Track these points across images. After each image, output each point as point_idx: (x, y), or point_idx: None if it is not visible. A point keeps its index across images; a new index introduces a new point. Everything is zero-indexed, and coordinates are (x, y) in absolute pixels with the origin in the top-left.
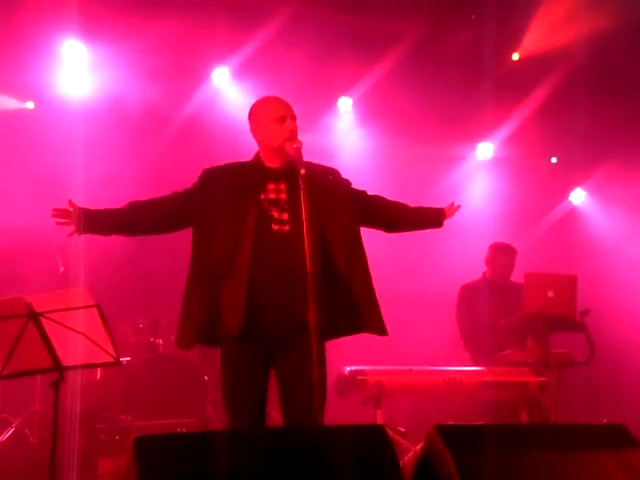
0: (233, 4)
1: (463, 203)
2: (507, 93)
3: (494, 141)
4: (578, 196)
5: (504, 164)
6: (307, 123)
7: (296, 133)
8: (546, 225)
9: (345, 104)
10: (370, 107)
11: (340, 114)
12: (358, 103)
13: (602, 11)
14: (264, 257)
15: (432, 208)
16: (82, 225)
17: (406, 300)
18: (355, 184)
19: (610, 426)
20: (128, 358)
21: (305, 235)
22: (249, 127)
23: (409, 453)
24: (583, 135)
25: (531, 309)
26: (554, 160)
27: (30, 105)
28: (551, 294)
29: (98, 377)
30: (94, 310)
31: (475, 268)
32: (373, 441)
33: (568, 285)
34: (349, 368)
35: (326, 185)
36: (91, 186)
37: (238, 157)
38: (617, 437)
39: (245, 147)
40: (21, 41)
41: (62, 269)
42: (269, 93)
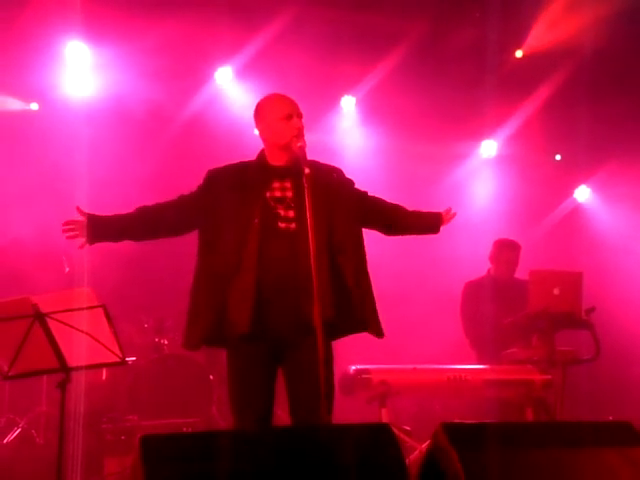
0: (236, 4)
1: (467, 201)
2: (511, 91)
3: (498, 139)
4: (583, 193)
5: (508, 162)
6: (310, 122)
7: (302, 131)
8: (551, 222)
9: (348, 103)
10: (373, 106)
11: (343, 113)
12: (361, 102)
13: (606, 8)
14: (270, 255)
15: (430, 213)
16: (91, 234)
17: (411, 298)
18: (358, 183)
19: (616, 423)
20: (134, 358)
21: (310, 233)
22: (255, 125)
23: (415, 452)
24: (587, 132)
25: (536, 307)
26: (558, 157)
27: (34, 106)
28: (556, 291)
29: (104, 377)
30: (100, 310)
31: (480, 266)
32: (378, 440)
33: (573, 282)
34: (354, 367)
35: (331, 184)
36: (95, 186)
37: (241, 156)
38: (623, 434)
39: (248, 146)
40: (25, 43)
41: (68, 269)
42: (272, 92)
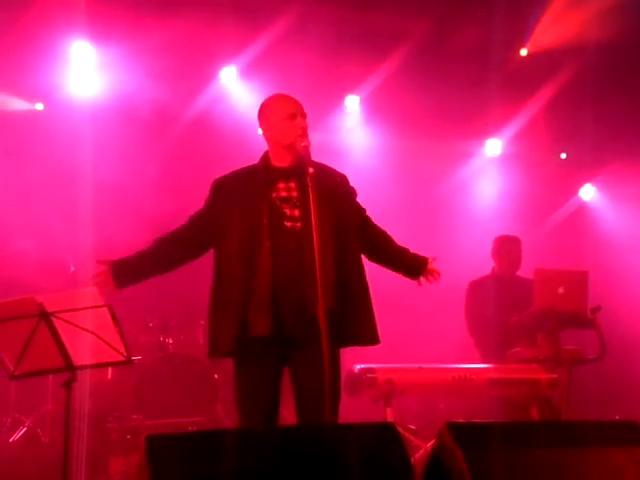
0: (240, 3)
1: (472, 200)
2: (515, 89)
3: (502, 137)
4: (588, 192)
5: (513, 160)
6: (314, 121)
7: (307, 130)
8: (556, 221)
9: (352, 102)
10: (377, 105)
11: (347, 112)
12: (365, 101)
13: (611, 6)
14: (280, 254)
15: (415, 257)
16: (118, 281)
17: (416, 297)
18: (363, 182)
19: (622, 423)
20: (139, 357)
21: (314, 232)
22: (259, 125)
23: (420, 451)
24: (592, 131)
25: (541, 306)
26: (563, 156)
27: (39, 106)
28: (562, 291)
29: (109, 376)
30: (105, 310)
31: (484, 265)
32: (383, 439)
33: (579, 281)
34: (359, 366)
35: (335, 187)
36: (100, 185)
37: (246, 156)
38: (629, 434)
39: (253, 145)
40: (30, 43)
41: (73, 269)
42: (276, 92)
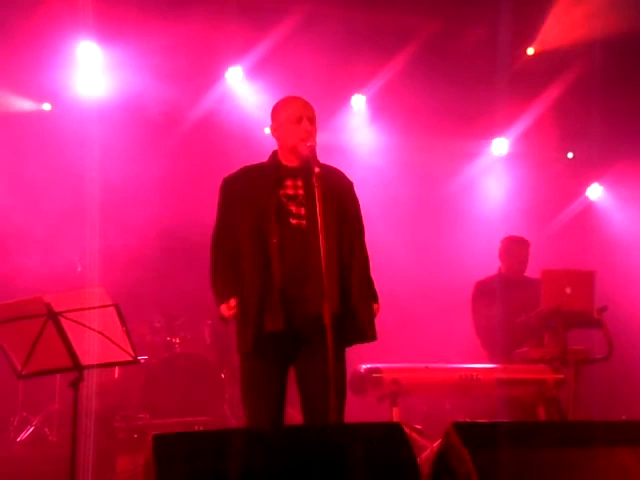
0: (245, 3)
1: (479, 199)
2: (522, 88)
3: (509, 137)
4: (595, 191)
5: (520, 160)
6: (320, 121)
7: (311, 134)
8: (563, 221)
9: (358, 102)
10: (384, 104)
11: (353, 112)
12: (371, 101)
13: (619, 5)
14: (287, 252)
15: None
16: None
17: (422, 297)
18: (370, 181)
19: (629, 423)
20: (145, 357)
21: (320, 232)
22: (270, 124)
23: (426, 451)
24: (600, 130)
25: (548, 305)
26: (570, 155)
27: (47, 107)
28: (569, 290)
29: (116, 376)
30: (112, 309)
31: (491, 264)
32: (390, 439)
33: (586, 281)
34: (365, 366)
35: (343, 190)
36: (108, 185)
37: (252, 156)
38: (636, 433)
39: (258, 145)
40: (37, 43)
41: (80, 269)
42: (282, 92)
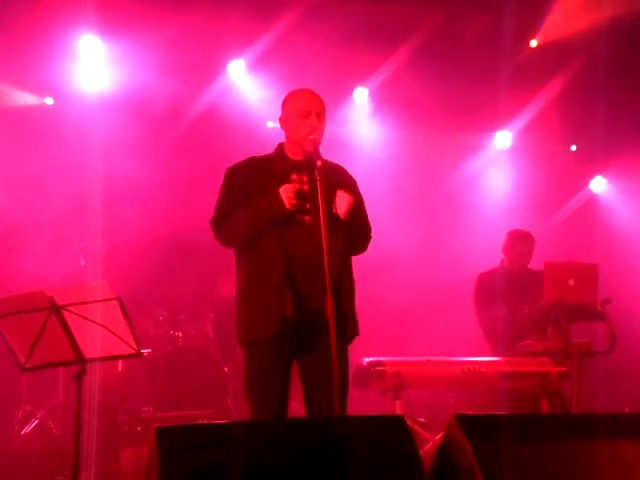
0: None
1: (481, 192)
2: (525, 81)
3: (513, 129)
4: (598, 184)
5: (523, 153)
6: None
7: (317, 130)
8: (566, 213)
9: (361, 95)
10: (386, 97)
11: (356, 104)
12: (374, 93)
13: None
14: (292, 245)
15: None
16: None
17: (425, 290)
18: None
19: (632, 415)
20: (149, 350)
21: (322, 227)
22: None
23: (429, 443)
24: (603, 122)
25: (551, 298)
26: (574, 148)
27: (49, 101)
28: (572, 283)
29: (119, 369)
30: (115, 303)
31: (494, 257)
32: (392, 432)
33: (589, 274)
34: (367, 359)
35: (345, 187)
36: (110, 179)
37: (254, 149)
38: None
39: (261, 139)
40: (39, 37)
41: (83, 263)
42: (284, 85)
